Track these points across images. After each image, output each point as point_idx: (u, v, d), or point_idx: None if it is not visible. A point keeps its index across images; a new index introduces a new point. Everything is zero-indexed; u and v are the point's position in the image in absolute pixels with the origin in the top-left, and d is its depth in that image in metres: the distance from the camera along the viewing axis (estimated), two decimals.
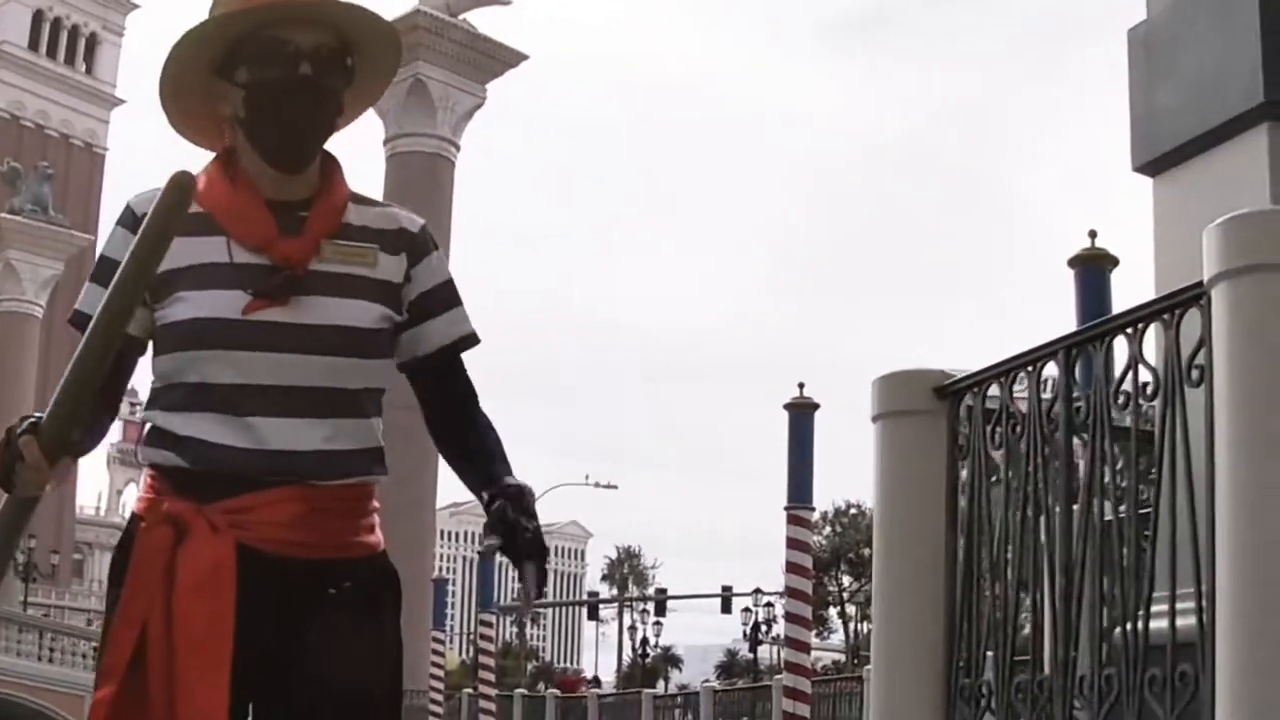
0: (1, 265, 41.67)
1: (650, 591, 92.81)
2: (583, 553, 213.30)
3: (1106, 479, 4.56)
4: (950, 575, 5.21)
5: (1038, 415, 4.79)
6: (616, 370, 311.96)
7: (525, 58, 27.36)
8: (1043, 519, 4.82)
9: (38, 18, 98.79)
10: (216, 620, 2.43)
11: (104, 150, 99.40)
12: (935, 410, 5.29)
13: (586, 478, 75.40)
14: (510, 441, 2.80)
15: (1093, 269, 11.24)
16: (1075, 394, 4.66)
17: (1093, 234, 11.71)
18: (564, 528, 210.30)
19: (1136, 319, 4.44)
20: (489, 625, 23.11)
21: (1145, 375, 4.41)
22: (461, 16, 26.53)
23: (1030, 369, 4.88)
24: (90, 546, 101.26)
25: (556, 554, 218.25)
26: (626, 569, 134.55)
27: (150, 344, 2.63)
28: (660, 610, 72.54)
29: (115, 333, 2.29)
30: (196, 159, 2.70)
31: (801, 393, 16.05)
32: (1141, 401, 4.47)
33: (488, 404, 2.79)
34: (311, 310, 2.55)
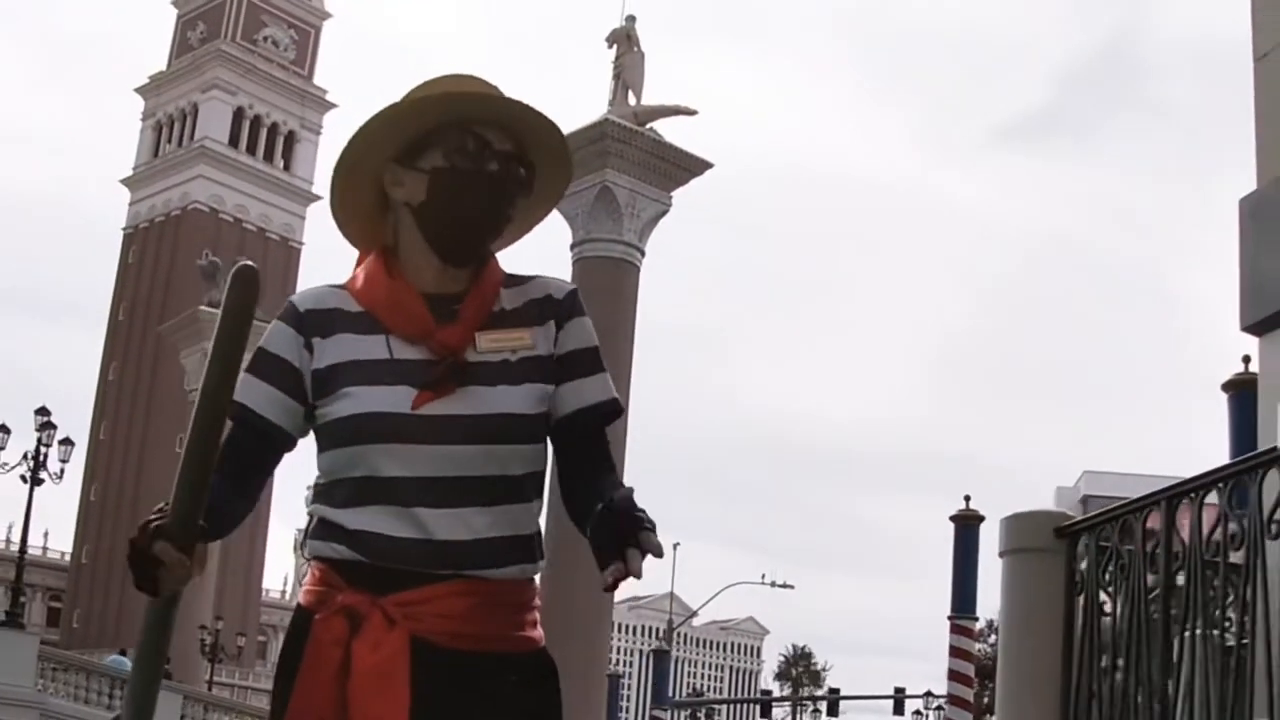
0: (200, 356, 42.84)
1: (823, 691, 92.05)
2: (759, 649, 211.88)
3: (1198, 618, 5.03)
4: (1064, 701, 5.68)
5: (1141, 557, 5.30)
6: (794, 471, 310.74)
7: (710, 165, 27.27)
8: (1144, 650, 5.28)
9: (238, 115, 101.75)
10: (392, 713, 2.42)
11: (300, 245, 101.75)
12: (1055, 549, 5.81)
13: (763, 577, 75.01)
14: (689, 536, 2.84)
15: (1245, 394, 11.52)
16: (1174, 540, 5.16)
17: (1246, 359, 11.96)
18: (740, 624, 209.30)
19: (1224, 476, 4.97)
20: None
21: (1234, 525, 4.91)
22: (649, 126, 26.87)
23: (1137, 514, 5.39)
24: (274, 629, 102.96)
25: (733, 650, 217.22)
26: (800, 668, 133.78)
27: (306, 440, 2.65)
28: (833, 710, 71.89)
29: (215, 428, 2.33)
30: None
31: (968, 505, 16.30)
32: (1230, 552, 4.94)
33: (672, 498, 2.65)
34: (474, 400, 2.54)
